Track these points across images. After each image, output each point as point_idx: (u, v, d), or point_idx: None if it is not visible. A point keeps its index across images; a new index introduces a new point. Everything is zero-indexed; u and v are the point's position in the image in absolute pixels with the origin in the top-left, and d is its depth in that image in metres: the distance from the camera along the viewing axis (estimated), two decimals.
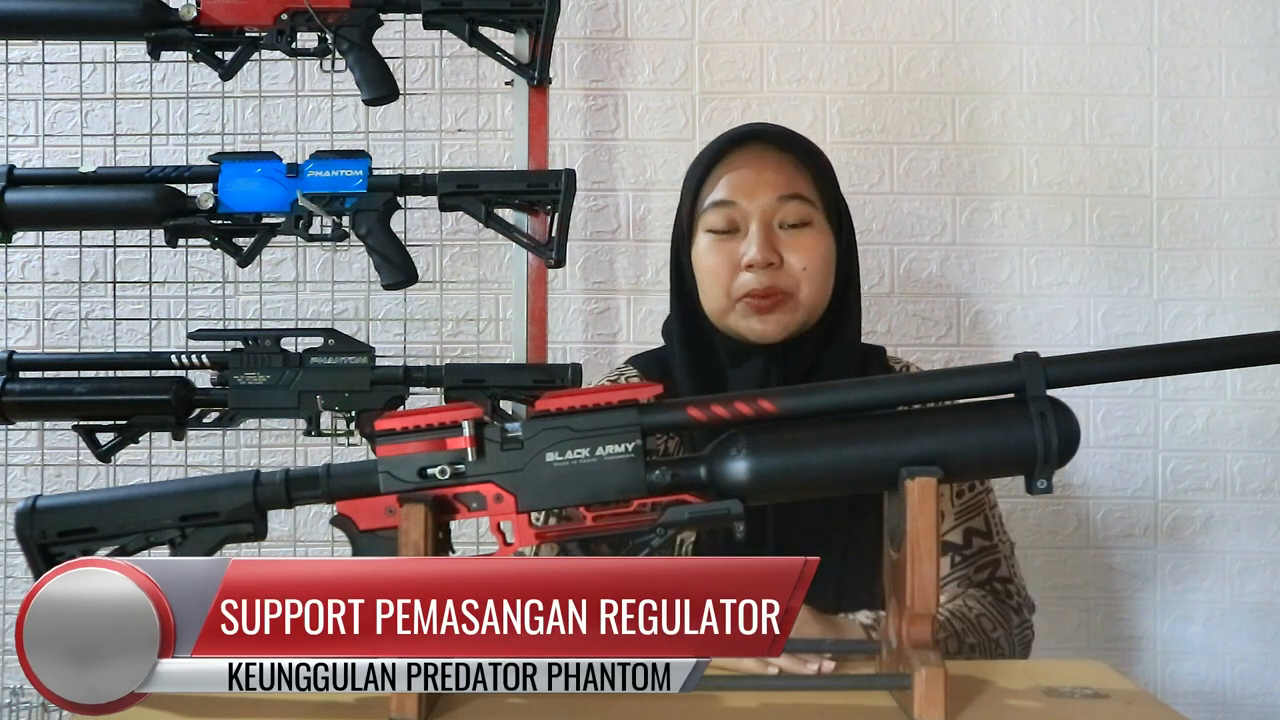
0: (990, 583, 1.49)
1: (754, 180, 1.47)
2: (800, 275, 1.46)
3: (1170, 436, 2.28)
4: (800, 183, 1.48)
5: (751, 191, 1.47)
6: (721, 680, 1.14)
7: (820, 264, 1.47)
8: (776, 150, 1.49)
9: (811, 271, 1.46)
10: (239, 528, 1.12)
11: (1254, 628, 2.28)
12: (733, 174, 1.49)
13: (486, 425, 1.09)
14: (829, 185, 1.51)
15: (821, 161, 1.52)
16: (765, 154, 1.49)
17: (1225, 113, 2.28)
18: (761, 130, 1.54)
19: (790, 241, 1.47)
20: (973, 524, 1.51)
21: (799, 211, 1.47)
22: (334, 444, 1.80)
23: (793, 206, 1.47)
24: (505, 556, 1.08)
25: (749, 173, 1.48)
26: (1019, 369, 1.08)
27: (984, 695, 1.13)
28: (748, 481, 1.07)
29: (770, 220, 1.47)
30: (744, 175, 1.48)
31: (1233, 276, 2.28)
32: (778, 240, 1.46)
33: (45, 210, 1.74)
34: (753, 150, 1.50)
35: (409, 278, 1.74)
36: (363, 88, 1.78)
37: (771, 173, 1.48)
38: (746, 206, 1.47)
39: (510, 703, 1.11)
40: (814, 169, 1.50)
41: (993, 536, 1.52)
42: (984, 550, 1.50)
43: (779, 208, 1.47)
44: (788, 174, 1.48)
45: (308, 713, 1.10)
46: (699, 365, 1.51)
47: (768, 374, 1.47)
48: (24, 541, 1.12)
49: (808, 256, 1.46)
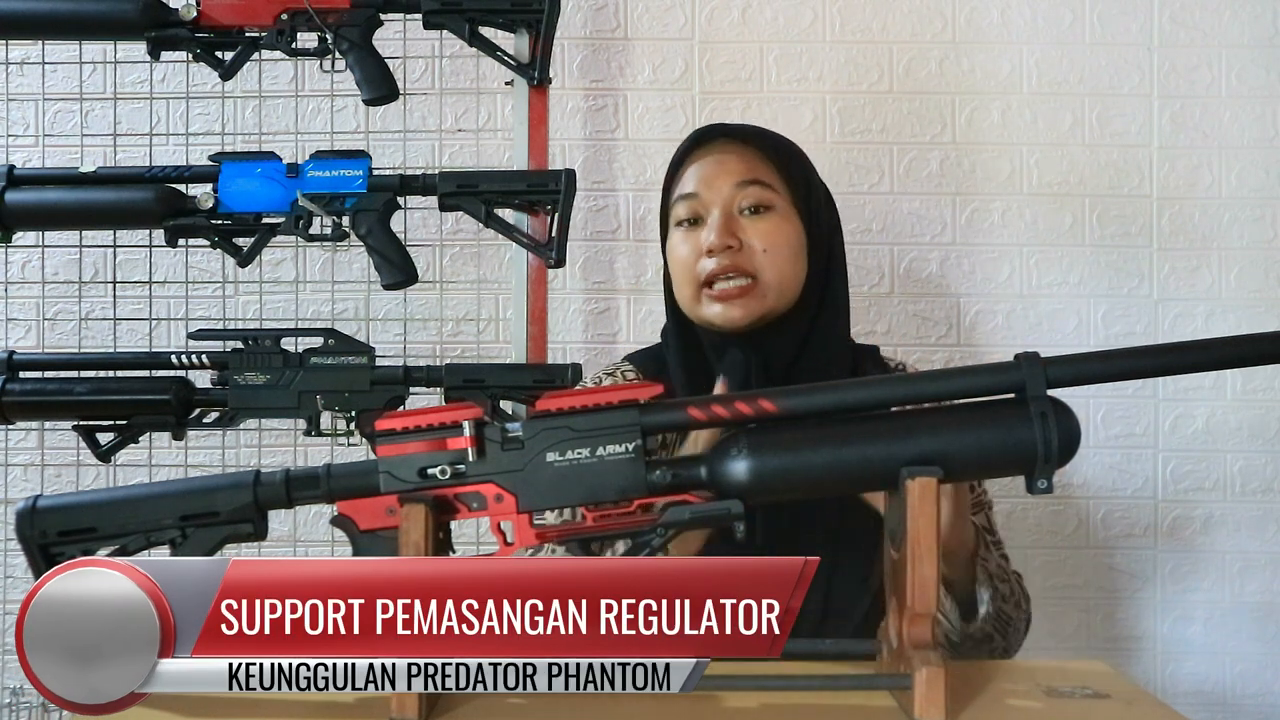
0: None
1: (715, 171, 1.51)
2: (761, 258, 1.48)
3: (1170, 436, 2.28)
4: (761, 170, 1.51)
5: (711, 181, 1.51)
6: (721, 680, 1.14)
7: (783, 248, 1.49)
8: (738, 143, 1.53)
9: (773, 254, 1.48)
10: (239, 528, 1.12)
11: (1254, 628, 2.28)
12: (696, 166, 1.53)
13: (487, 425, 1.09)
14: (796, 175, 1.53)
15: (788, 153, 1.55)
16: (728, 147, 1.53)
17: (1225, 113, 2.28)
18: (725, 127, 1.57)
19: (751, 226, 1.49)
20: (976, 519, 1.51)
21: (758, 196, 1.50)
22: (334, 444, 1.80)
23: (752, 191, 1.50)
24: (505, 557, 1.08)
25: (711, 164, 1.52)
26: (1019, 369, 1.08)
27: (984, 695, 1.13)
28: (748, 481, 1.07)
29: (730, 207, 1.50)
30: (706, 166, 1.52)
31: (1233, 276, 2.28)
32: (737, 225, 1.49)
33: (45, 210, 1.74)
34: (717, 145, 1.54)
35: (409, 278, 1.74)
36: (363, 88, 1.78)
37: (732, 162, 1.51)
38: (707, 196, 1.51)
39: (510, 703, 1.11)
40: (778, 160, 1.53)
41: (995, 533, 1.54)
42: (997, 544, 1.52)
43: (738, 194, 1.50)
44: (748, 162, 1.51)
45: (308, 713, 1.10)
46: (689, 359, 1.53)
47: (748, 364, 1.48)
48: (24, 541, 1.12)
49: (768, 239, 1.49)
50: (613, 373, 1.61)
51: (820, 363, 1.49)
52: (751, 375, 1.46)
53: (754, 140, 1.54)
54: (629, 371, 1.60)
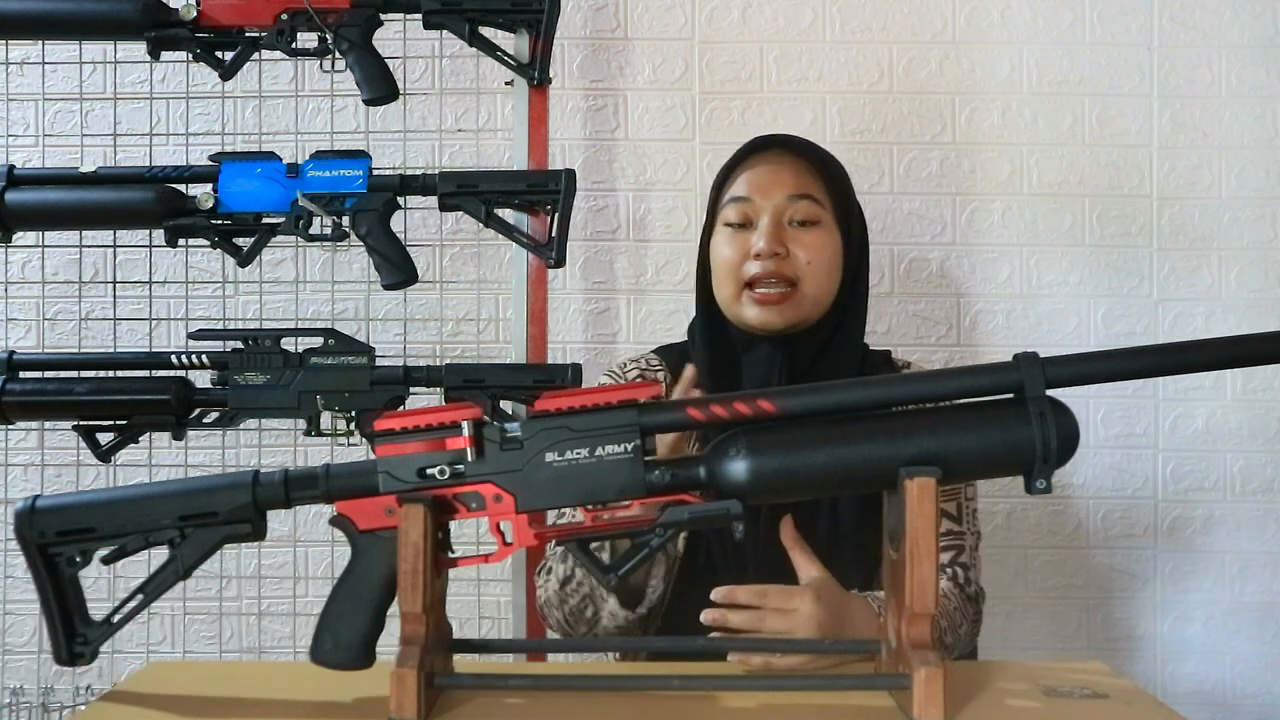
0: (952, 565, 1.53)
1: (769, 180, 1.58)
2: (804, 269, 1.55)
3: (1170, 436, 2.28)
4: (812, 185, 1.58)
5: (766, 190, 1.58)
6: (721, 680, 1.14)
7: (825, 261, 1.57)
8: (793, 155, 1.60)
9: (815, 266, 1.56)
10: (238, 528, 1.12)
11: (1254, 628, 2.28)
12: (750, 173, 1.59)
13: (486, 425, 1.09)
14: (841, 192, 1.60)
15: (836, 171, 1.62)
16: (783, 158, 1.60)
17: (1225, 113, 2.28)
18: (782, 139, 1.63)
19: (798, 237, 1.56)
20: (945, 506, 1.53)
21: (808, 210, 1.57)
22: (334, 444, 1.80)
23: (803, 205, 1.56)
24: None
25: (766, 173, 1.59)
26: (1018, 369, 1.08)
27: (983, 695, 1.13)
28: (747, 481, 1.07)
29: (780, 216, 1.57)
30: (760, 174, 1.59)
31: (1233, 276, 2.28)
32: (786, 235, 1.56)
33: (45, 210, 1.74)
34: (772, 154, 1.61)
35: (409, 278, 1.74)
36: (363, 88, 1.78)
37: (786, 174, 1.58)
38: (760, 203, 1.57)
39: (509, 703, 1.11)
40: (827, 176, 1.60)
41: (962, 523, 1.56)
42: (951, 533, 1.54)
43: (789, 205, 1.56)
44: (801, 176, 1.58)
45: (308, 713, 1.10)
46: (716, 351, 1.59)
47: (774, 361, 1.56)
48: (24, 541, 1.12)
49: (813, 252, 1.56)
50: (638, 360, 1.68)
51: (838, 365, 1.57)
52: (777, 372, 1.55)
53: (806, 154, 1.60)
54: (653, 360, 1.67)
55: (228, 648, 2.20)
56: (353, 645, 1.09)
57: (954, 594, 1.50)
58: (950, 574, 1.52)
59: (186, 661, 2.15)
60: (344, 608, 1.09)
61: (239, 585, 2.19)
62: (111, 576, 1.81)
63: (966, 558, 1.54)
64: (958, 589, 1.51)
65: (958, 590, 1.51)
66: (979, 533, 1.58)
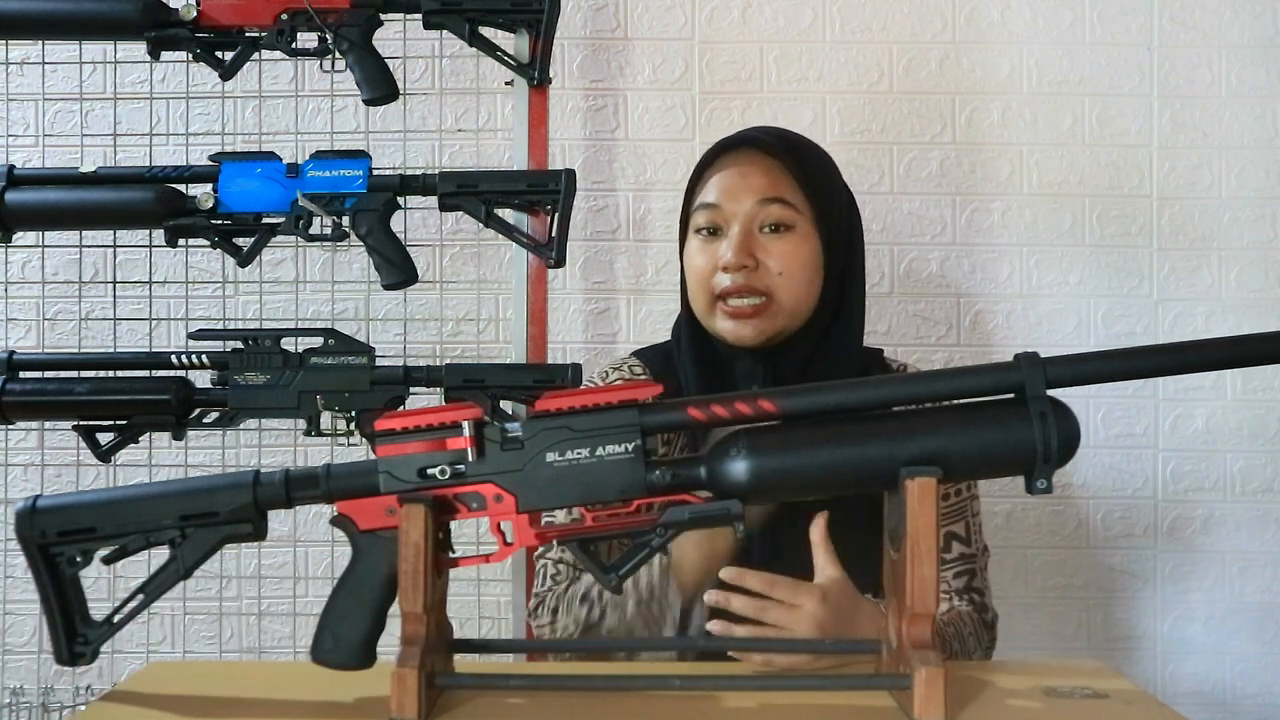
0: (968, 591, 1.50)
1: (738, 184, 1.50)
2: (776, 280, 1.48)
3: (1170, 436, 2.28)
4: (784, 186, 1.50)
5: (735, 194, 1.50)
6: (721, 680, 1.14)
7: (799, 268, 1.49)
8: (764, 155, 1.51)
9: (788, 276, 1.48)
10: (239, 528, 1.12)
11: (1254, 628, 2.28)
12: (719, 176, 1.52)
13: (486, 425, 1.09)
14: (819, 189, 1.52)
15: (813, 167, 1.53)
16: (753, 158, 1.52)
17: (1225, 113, 2.29)
18: (752, 136, 1.55)
19: (769, 245, 1.49)
20: (954, 528, 1.51)
21: (779, 215, 1.49)
22: (334, 444, 1.80)
23: (774, 209, 1.49)
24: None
25: (735, 175, 1.51)
26: (1019, 369, 1.08)
27: (984, 695, 1.13)
28: (747, 481, 1.07)
29: (750, 223, 1.49)
30: (730, 177, 1.51)
31: (1233, 276, 2.28)
32: (756, 244, 1.49)
33: (45, 210, 1.74)
34: (743, 154, 1.52)
35: (409, 278, 1.74)
36: (363, 88, 1.78)
37: (756, 176, 1.50)
38: (729, 209, 1.50)
39: (509, 702, 1.11)
40: (802, 173, 1.51)
41: (971, 544, 1.53)
42: (963, 557, 1.51)
43: (759, 211, 1.49)
44: (772, 177, 1.50)
45: (308, 713, 1.10)
46: (704, 358, 1.54)
47: (755, 375, 1.50)
48: (24, 541, 1.12)
49: (785, 261, 1.48)
50: (619, 367, 1.62)
51: (830, 370, 1.48)
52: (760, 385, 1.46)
53: (779, 152, 1.52)
54: (636, 367, 1.60)
55: (228, 648, 2.20)
56: (353, 645, 1.09)
57: (971, 619, 1.46)
58: (968, 599, 1.49)
59: (187, 661, 2.15)
60: (345, 608, 1.09)
61: (239, 585, 2.19)
62: (112, 576, 1.81)
63: (979, 581, 1.51)
64: (976, 614, 1.48)
65: (976, 616, 1.47)
66: (986, 546, 1.55)
